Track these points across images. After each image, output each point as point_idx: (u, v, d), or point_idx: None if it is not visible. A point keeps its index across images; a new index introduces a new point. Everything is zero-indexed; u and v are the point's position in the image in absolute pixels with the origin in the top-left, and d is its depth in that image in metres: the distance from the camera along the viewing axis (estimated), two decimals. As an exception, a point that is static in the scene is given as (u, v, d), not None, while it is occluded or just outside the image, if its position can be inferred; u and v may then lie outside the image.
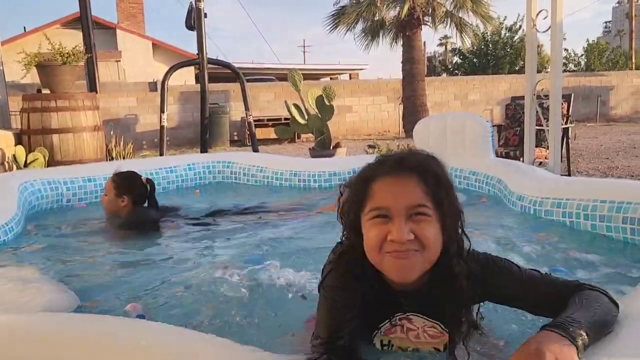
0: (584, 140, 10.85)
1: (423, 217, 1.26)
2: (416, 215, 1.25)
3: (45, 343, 1.32)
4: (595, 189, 3.05)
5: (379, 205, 1.28)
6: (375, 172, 1.32)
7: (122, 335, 1.32)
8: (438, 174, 1.30)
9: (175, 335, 1.34)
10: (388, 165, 1.31)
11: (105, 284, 2.31)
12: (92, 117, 6.64)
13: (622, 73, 20.12)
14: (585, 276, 2.18)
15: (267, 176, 4.92)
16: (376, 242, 1.27)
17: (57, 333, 1.36)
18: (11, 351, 1.32)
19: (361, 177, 1.35)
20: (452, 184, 1.35)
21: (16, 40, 18.98)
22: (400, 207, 1.25)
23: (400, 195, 1.26)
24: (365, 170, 1.36)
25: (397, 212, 1.25)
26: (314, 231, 3.14)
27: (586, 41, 31.50)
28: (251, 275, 2.17)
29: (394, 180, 1.28)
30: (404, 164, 1.30)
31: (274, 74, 22.64)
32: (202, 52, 7.47)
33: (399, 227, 1.23)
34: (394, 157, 1.33)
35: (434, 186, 1.28)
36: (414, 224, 1.25)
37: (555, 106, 4.33)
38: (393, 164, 1.30)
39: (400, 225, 1.23)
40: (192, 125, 13.79)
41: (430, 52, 41.62)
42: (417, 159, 1.32)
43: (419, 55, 14.70)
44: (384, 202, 1.27)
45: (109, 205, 3.38)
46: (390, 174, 1.29)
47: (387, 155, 1.37)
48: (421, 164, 1.30)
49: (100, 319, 1.50)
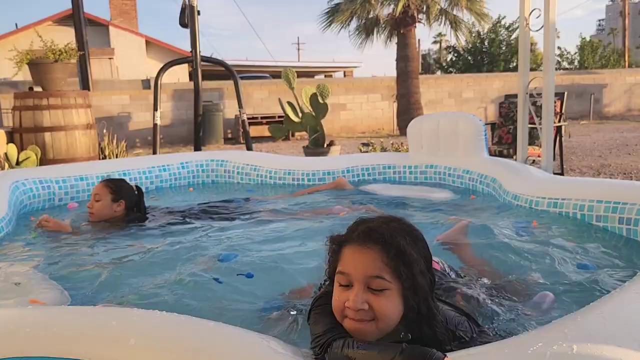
0: (577, 138, 10.89)
1: (380, 289, 1.32)
2: (374, 286, 1.32)
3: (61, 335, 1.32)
4: (591, 189, 3.06)
5: (343, 270, 1.36)
6: (348, 237, 1.41)
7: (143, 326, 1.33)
8: (401, 249, 1.34)
9: (196, 326, 1.34)
10: (357, 233, 1.38)
11: (97, 283, 2.30)
12: (84, 115, 6.60)
13: (616, 71, 20.21)
14: (582, 275, 2.19)
15: (261, 175, 4.91)
16: (337, 305, 1.36)
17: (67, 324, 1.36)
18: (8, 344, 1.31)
19: (338, 238, 1.44)
20: (422, 257, 1.40)
21: (7, 37, 18.88)
22: (359, 276, 1.33)
23: (361, 264, 1.33)
24: (344, 233, 1.45)
25: (356, 280, 1.33)
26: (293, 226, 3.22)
27: (579, 37, 31.51)
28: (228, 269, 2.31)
29: (359, 249, 1.35)
30: (371, 235, 1.36)
31: (268, 72, 22.60)
32: (196, 49, 7.44)
33: (354, 296, 1.31)
34: (364, 227, 1.39)
35: (395, 260, 1.33)
36: (371, 295, 1.32)
37: (548, 104, 4.34)
38: (361, 234, 1.37)
39: (356, 294, 1.31)
40: (185, 123, 13.74)
41: (424, 50, 41.70)
42: (385, 231, 1.37)
43: (414, 53, 14.70)
44: (347, 268, 1.36)
45: (102, 211, 3.36)
46: (357, 242, 1.37)
47: (363, 220, 1.44)
48: (386, 238, 1.35)
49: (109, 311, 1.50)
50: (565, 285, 2.08)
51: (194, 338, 1.23)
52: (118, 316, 1.38)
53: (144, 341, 1.23)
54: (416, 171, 4.74)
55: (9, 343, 1.28)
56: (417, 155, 4.80)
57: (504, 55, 29.20)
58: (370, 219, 1.44)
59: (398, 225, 1.42)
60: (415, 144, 4.85)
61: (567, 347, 1.11)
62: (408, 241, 1.37)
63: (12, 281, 2.24)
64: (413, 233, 1.43)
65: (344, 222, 2.14)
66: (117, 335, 1.26)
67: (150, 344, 1.23)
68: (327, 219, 3.33)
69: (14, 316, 1.41)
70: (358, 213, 3.26)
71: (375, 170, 4.85)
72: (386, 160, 4.96)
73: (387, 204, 3.87)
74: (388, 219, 1.44)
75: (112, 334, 1.27)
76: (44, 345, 1.26)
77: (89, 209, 3.38)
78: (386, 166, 4.86)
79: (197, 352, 1.19)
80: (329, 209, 3.64)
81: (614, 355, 1.07)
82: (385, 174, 4.83)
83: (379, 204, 3.79)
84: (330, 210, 3.57)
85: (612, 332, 1.20)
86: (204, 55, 7.93)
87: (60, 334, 1.29)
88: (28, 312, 1.48)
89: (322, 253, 1.53)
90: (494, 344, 1.25)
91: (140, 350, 1.20)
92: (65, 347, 1.25)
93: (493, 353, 1.17)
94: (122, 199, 3.41)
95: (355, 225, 1.44)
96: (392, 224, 1.41)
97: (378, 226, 1.38)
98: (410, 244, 1.37)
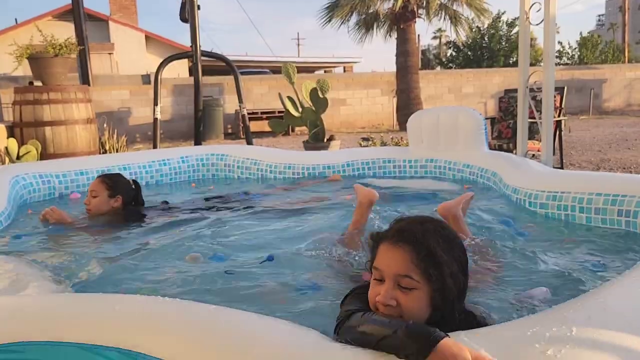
0: (577, 132, 10.89)
1: (409, 288, 1.35)
2: (403, 284, 1.36)
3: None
4: (590, 182, 3.06)
5: (376, 266, 1.42)
6: (384, 235, 1.46)
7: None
8: (432, 250, 1.36)
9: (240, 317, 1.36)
10: (392, 231, 1.44)
11: (97, 276, 2.31)
12: (84, 109, 6.60)
13: (615, 66, 20.19)
14: (581, 264, 2.20)
15: (261, 169, 4.92)
16: (371, 297, 1.40)
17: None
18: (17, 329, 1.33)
19: (377, 235, 1.50)
20: (455, 260, 1.41)
21: (7, 32, 18.85)
22: (390, 273, 1.37)
23: (392, 262, 1.38)
24: (380, 233, 1.50)
25: (387, 277, 1.38)
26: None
27: (579, 34, 31.48)
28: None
29: (392, 247, 1.40)
30: (404, 234, 1.40)
31: (268, 67, 22.58)
32: (196, 44, 7.43)
33: (384, 292, 1.35)
34: (399, 225, 1.46)
35: (425, 261, 1.35)
36: (400, 293, 1.35)
37: (548, 99, 4.34)
38: (395, 232, 1.42)
39: (386, 290, 1.36)
40: (185, 118, 13.74)
41: (424, 45, 41.56)
42: (418, 231, 1.40)
43: (413, 48, 14.69)
44: (380, 264, 1.41)
45: (100, 207, 3.35)
46: (390, 240, 1.41)
47: (401, 219, 1.50)
48: (418, 238, 1.38)
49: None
50: (564, 276, 2.09)
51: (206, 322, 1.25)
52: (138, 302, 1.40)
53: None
54: (416, 165, 4.74)
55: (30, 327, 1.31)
56: (417, 150, 4.81)
57: (503, 51, 29.16)
58: (407, 218, 1.49)
59: (432, 226, 1.44)
60: (415, 138, 4.85)
61: (566, 329, 1.13)
62: (440, 243, 1.39)
63: (11, 274, 2.24)
64: (447, 236, 1.44)
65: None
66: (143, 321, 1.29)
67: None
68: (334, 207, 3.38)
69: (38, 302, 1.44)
70: None
71: (375, 165, 4.85)
72: (386, 155, 4.96)
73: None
74: (424, 220, 1.48)
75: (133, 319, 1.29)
76: (71, 330, 1.29)
77: (86, 205, 3.37)
78: (386, 160, 4.86)
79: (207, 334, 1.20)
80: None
81: (612, 339, 1.08)
82: (385, 168, 4.84)
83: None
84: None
85: (611, 317, 1.22)
86: (204, 50, 7.92)
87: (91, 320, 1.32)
88: (48, 298, 1.50)
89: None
90: (495, 326, 1.27)
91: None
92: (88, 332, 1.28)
93: (494, 334, 1.19)
94: (119, 194, 3.39)
95: (393, 223, 1.49)
96: (427, 224, 1.44)
97: (412, 226, 1.43)
98: (443, 246, 1.39)
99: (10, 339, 1.32)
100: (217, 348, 1.17)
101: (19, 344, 1.31)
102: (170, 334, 1.24)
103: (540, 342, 1.09)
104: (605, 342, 1.09)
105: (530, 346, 1.07)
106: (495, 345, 1.09)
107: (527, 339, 1.11)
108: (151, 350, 1.20)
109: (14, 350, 1.32)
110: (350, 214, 2.69)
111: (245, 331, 1.25)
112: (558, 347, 1.06)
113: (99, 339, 1.25)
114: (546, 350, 1.05)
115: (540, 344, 1.07)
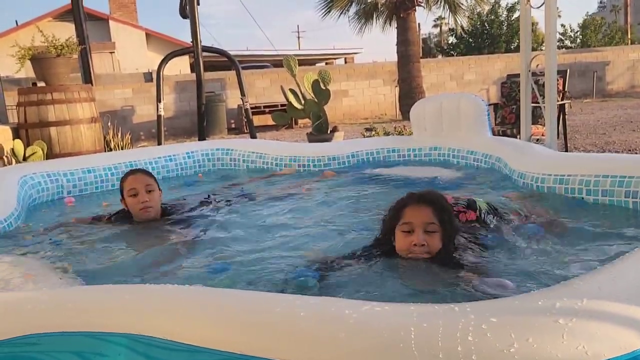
0: (581, 116, 10.86)
1: (432, 232, 2.02)
2: (428, 230, 2.01)
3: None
4: (597, 164, 3.06)
5: (407, 221, 2.04)
6: (407, 201, 2.11)
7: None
8: (444, 207, 2.09)
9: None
10: (415, 197, 2.11)
11: (110, 274, 2.34)
12: (88, 108, 6.62)
13: (618, 48, 20.06)
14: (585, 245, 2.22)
15: (267, 162, 4.93)
16: (404, 246, 2.04)
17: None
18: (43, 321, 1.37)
19: (399, 204, 2.13)
20: (451, 212, 2.15)
21: (8, 35, 18.86)
22: (420, 223, 2.02)
23: (421, 216, 2.03)
24: (401, 200, 2.14)
25: (418, 226, 2.02)
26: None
27: (586, 15, 31.22)
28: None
29: (418, 207, 2.07)
30: (425, 198, 2.09)
31: (269, 61, 22.53)
32: (197, 40, 7.43)
33: (419, 236, 2.00)
34: (419, 194, 2.13)
35: (441, 213, 2.05)
36: (427, 235, 2.01)
37: (550, 82, 4.34)
38: (419, 197, 2.10)
39: (419, 235, 2.01)
40: (188, 114, 13.76)
41: (425, 34, 41.39)
42: (433, 196, 2.13)
43: (414, 36, 14.63)
44: (411, 219, 2.04)
45: (159, 202, 3.05)
46: (417, 203, 2.08)
47: (414, 192, 2.16)
48: (435, 200, 2.10)
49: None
50: (570, 258, 2.10)
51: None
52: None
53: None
54: (420, 153, 4.75)
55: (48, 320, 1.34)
56: (420, 138, 4.81)
57: (505, 36, 29.03)
58: (419, 191, 2.17)
59: (437, 193, 2.21)
60: (419, 127, 4.85)
61: (576, 300, 1.15)
62: (447, 203, 2.16)
63: (23, 273, 2.27)
64: (445, 198, 2.22)
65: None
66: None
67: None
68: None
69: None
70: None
71: (379, 154, 4.86)
72: (390, 144, 4.96)
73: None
74: (431, 190, 2.26)
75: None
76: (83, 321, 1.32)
77: (145, 204, 2.94)
78: (390, 150, 4.86)
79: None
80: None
81: (622, 310, 1.10)
82: (389, 157, 4.84)
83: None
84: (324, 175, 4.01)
85: (621, 288, 1.24)
86: (205, 45, 7.92)
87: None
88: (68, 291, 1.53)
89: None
90: (506, 298, 1.29)
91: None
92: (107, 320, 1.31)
93: (504, 305, 1.21)
94: (160, 189, 3.10)
95: (411, 194, 2.15)
96: (433, 192, 2.21)
97: (428, 193, 2.16)
98: (446, 205, 2.13)
99: (25, 332, 1.36)
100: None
101: (33, 336, 1.35)
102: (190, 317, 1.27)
103: (551, 312, 1.11)
104: (615, 312, 1.11)
105: (541, 316, 1.09)
106: (507, 315, 1.11)
107: (538, 309, 1.13)
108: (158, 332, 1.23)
109: (29, 343, 1.35)
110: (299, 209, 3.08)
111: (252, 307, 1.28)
112: (569, 316, 1.08)
113: (107, 326, 1.28)
114: (557, 320, 1.07)
115: (551, 314, 1.09)
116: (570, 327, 1.05)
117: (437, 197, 2.13)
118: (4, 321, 1.40)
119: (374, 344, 1.06)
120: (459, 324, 1.07)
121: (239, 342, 1.16)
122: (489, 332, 1.04)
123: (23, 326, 1.37)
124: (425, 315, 1.14)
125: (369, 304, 1.22)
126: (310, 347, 1.10)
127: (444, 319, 1.10)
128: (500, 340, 1.03)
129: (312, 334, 1.13)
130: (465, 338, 1.03)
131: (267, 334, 1.16)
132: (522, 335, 1.03)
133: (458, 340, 1.03)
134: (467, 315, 1.10)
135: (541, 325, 1.07)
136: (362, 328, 1.11)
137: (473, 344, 1.02)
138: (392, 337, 1.07)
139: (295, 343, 1.13)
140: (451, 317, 1.11)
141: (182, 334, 1.22)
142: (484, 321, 1.07)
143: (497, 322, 1.07)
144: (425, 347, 1.03)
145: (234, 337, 1.18)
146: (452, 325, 1.07)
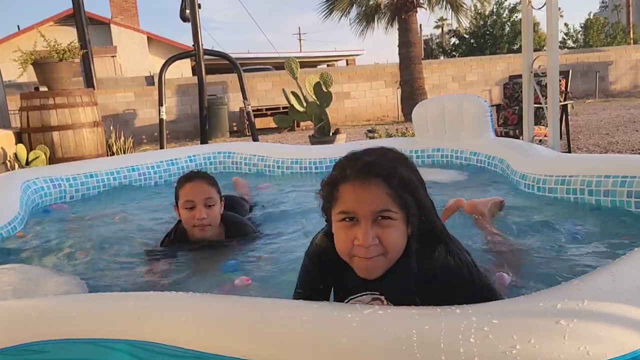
0: (584, 116, 10.83)
1: (388, 221, 1.30)
2: (381, 219, 1.29)
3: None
4: (598, 164, 3.06)
5: (346, 209, 1.31)
6: (343, 175, 1.33)
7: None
8: (403, 177, 1.31)
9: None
10: (355, 169, 1.31)
11: (112, 279, 2.34)
12: (91, 113, 6.64)
13: (621, 48, 20.02)
14: (587, 247, 2.21)
15: (269, 165, 4.94)
16: (344, 245, 1.33)
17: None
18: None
19: (331, 179, 1.36)
20: (421, 181, 1.39)
21: (10, 40, 18.94)
22: (366, 212, 1.28)
23: (366, 200, 1.28)
24: (334, 172, 1.37)
25: (363, 217, 1.29)
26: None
27: (588, 15, 31.19)
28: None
29: (360, 185, 1.29)
30: (370, 169, 1.30)
31: (270, 64, 22.57)
32: (198, 43, 7.45)
33: (364, 233, 1.28)
34: (361, 162, 1.32)
35: (399, 190, 1.29)
36: (379, 228, 1.29)
37: (553, 83, 4.33)
38: (360, 169, 1.30)
39: (365, 230, 1.28)
40: (190, 117, 13.79)
41: (426, 35, 41.40)
42: (384, 163, 1.32)
43: (416, 38, 14.64)
44: (350, 206, 1.30)
45: (218, 218, 2.49)
46: (357, 179, 1.30)
47: (355, 155, 1.36)
48: (387, 169, 1.30)
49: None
50: (572, 259, 2.10)
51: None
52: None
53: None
54: (423, 155, 4.74)
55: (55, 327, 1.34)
56: (423, 139, 4.80)
57: (507, 37, 29.02)
58: (363, 153, 1.37)
59: (394, 155, 1.38)
60: (421, 128, 4.85)
61: (577, 301, 1.15)
62: (407, 169, 1.35)
63: (27, 278, 2.27)
64: (408, 160, 1.40)
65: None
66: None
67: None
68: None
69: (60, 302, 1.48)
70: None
71: (382, 156, 4.84)
72: (393, 146, 4.93)
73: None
74: (384, 150, 1.39)
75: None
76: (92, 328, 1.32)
77: (202, 222, 2.39)
78: (393, 151, 4.85)
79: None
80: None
81: (622, 311, 1.10)
82: (392, 159, 4.82)
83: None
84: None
85: (622, 289, 1.24)
86: (207, 48, 7.94)
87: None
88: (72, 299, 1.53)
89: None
90: (507, 300, 1.29)
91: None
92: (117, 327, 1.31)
93: (505, 306, 1.21)
94: (222, 197, 2.54)
95: (348, 161, 1.35)
96: (389, 154, 1.37)
97: (376, 159, 1.33)
98: (410, 171, 1.35)
99: (29, 339, 1.36)
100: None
101: (37, 344, 1.34)
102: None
103: (553, 313, 1.11)
104: (617, 312, 1.12)
105: (543, 317, 1.10)
106: (508, 317, 1.11)
107: (539, 310, 1.13)
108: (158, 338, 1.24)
109: (35, 351, 1.35)
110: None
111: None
112: (570, 317, 1.08)
113: (111, 333, 1.28)
114: (558, 321, 1.07)
115: (553, 315, 1.10)
116: (571, 328, 1.06)
117: (391, 162, 1.34)
118: (8, 328, 1.40)
119: (377, 347, 1.06)
120: (461, 326, 1.07)
121: (241, 347, 1.16)
122: (491, 334, 1.04)
123: (27, 334, 1.37)
124: (427, 318, 1.14)
125: (371, 307, 1.22)
126: (313, 351, 1.10)
127: (446, 321, 1.10)
128: (502, 342, 1.03)
129: (314, 338, 1.13)
130: (468, 340, 1.03)
131: (269, 339, 1.16)
132: (524, 336, 1.04)
133: (460, 342, 1.03)
134: (469, 317, 1.10)
135: (543, 326, 1.07)
136: (364, 332, 1.11)
137: (475, 345, 1.02)
138: (394, 341, 1.06)
139: (297, 347, 1.13)
140: (453, 319, 1.11)
141: (185, 340, 1.21)
142: (485, 323, 1.07)
143: (499, 323, 1.07)
144: (428, 349, 1.03)
145: (236, 342, 1.18)
146: (454, 327, 1.07)
